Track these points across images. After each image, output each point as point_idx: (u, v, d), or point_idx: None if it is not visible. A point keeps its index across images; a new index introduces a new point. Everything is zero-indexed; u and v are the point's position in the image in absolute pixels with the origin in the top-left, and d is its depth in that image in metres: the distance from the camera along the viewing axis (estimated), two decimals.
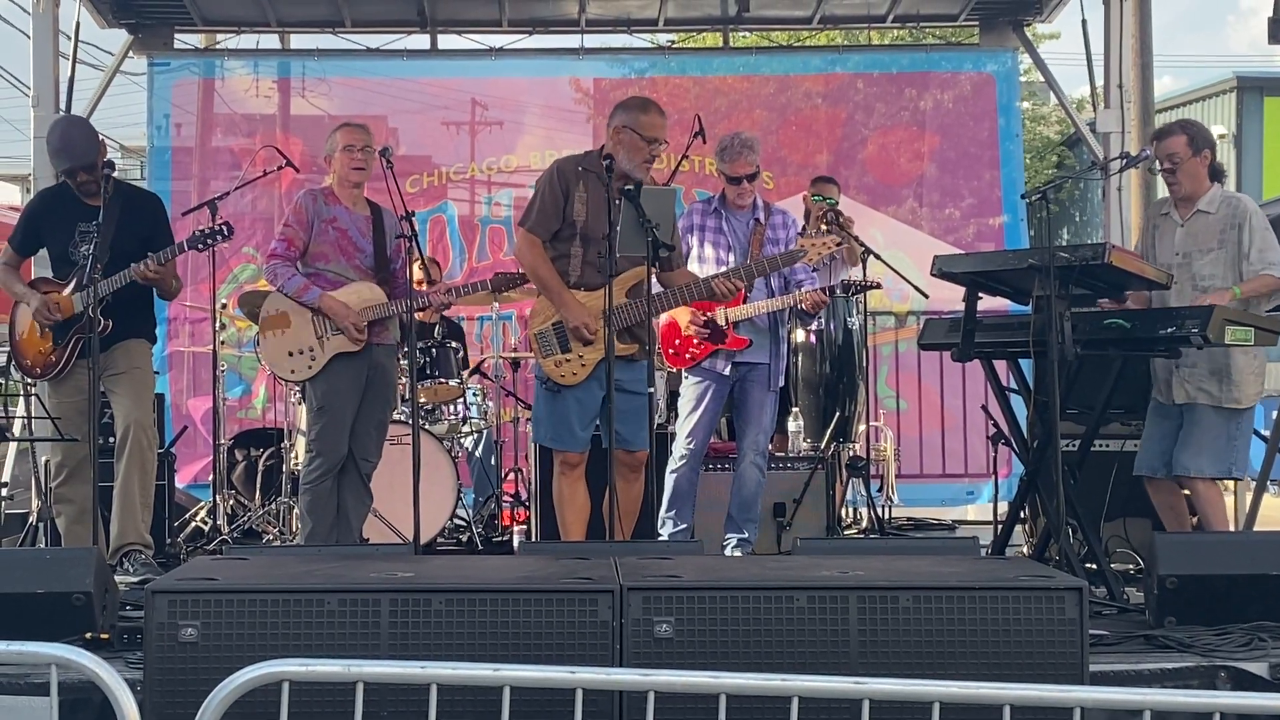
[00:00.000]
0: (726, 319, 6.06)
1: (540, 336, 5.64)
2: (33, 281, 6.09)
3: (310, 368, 5.88)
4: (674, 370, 6.34)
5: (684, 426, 6.12)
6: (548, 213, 5.62)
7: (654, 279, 5.50)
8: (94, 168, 5.81)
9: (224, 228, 5.91)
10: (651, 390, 5.43)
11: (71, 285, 5.86)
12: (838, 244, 6.01)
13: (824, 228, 7.28)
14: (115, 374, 5.89)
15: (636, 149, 5.57)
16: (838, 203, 7.44)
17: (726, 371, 6.09)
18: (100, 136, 6.03)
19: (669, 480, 6.07)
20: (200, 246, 5.91)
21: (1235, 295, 5.38)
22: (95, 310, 5.48)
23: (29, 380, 6.13)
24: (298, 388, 6.77)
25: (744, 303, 6.05)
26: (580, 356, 5.58)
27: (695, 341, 6.07)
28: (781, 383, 6.32)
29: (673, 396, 6.47)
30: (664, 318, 6.10)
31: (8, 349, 6.17)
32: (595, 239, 5.53)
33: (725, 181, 6.20)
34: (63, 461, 5.92)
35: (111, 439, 6.02)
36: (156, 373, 6.75)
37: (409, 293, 5.91)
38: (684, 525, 6.17)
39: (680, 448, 6.10)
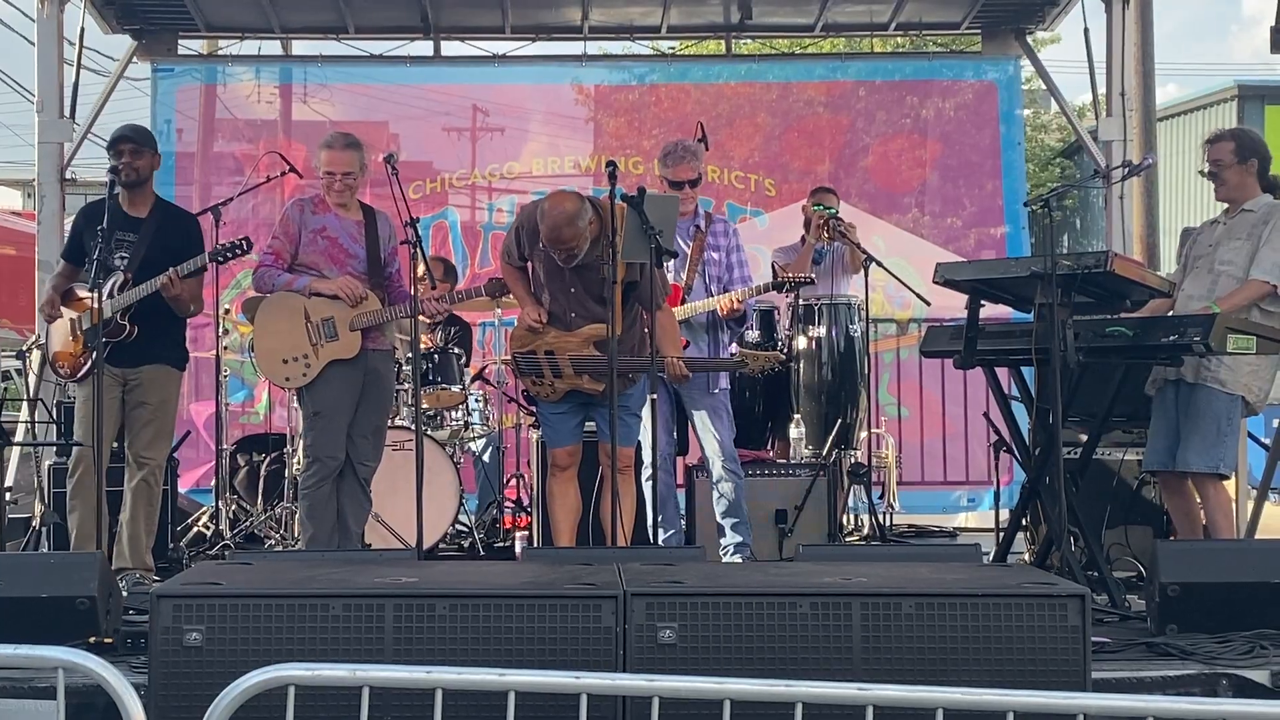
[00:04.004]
0: None
1: (514, 358, 5.87)
2: (66, 291, 6.13)
3: (305, 375, 5.87)
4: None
5: (645, 436, 6.18)
6: (510, 251, 5.91)
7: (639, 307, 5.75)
8: (139, 151, 5.92)
9: (244, 242, 5.97)
10: (653, 396, 5.51)
11: (105, 291, 5.92)
12: (781, 361, 6.32)
13: (826, 234, 7.34)
14: (143, 403, 5.92)
15: None
16: (837, 211, 7.47)
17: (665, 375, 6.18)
18: (158, 154, 6.16)
19: (646, 490, 6.12)
20: (221, 260, 5.99)
21: (1211, 310, 5.37)
22: (110, 313, 5.60)
23: (61, 383, 6.21)
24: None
25: (681, 304, 6.23)
26: (551, 384, 5.76)
27: None
28: (725, 384, 6.38)
29: None
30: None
31: (12, 353, 6.21)
32: (554, 297, 5.75)
33: (667, 186, 6.29)
34: (78, 460, 5.96)
35: (115, 444, 6.03)
36: None
37: (409, 296, 5.90)
38: (673, 530, 6.29)
39: (646, 456, 6.16)
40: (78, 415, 6.01)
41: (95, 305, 5.55)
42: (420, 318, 6.10)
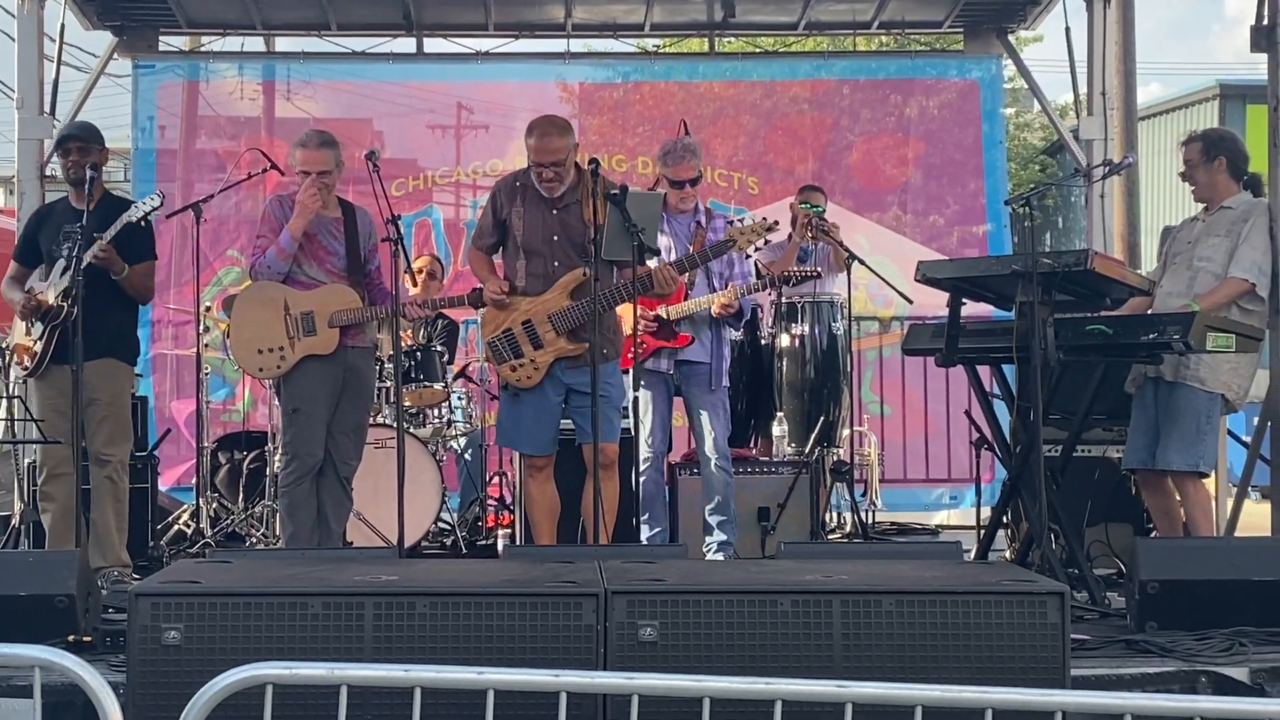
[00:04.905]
0: (668, 315, 6.21)
1: (490, 345, 5.80)
2: (27, 290, 6.11)
3: (280, 366, 5.84)
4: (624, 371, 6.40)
5: (641, 431, 6.18)
6: (482, 229, 5.94)
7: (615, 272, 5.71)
8: (86, 149, 5.90)
9: (155, 197, 5.89)
10: (637, 395, 5.51)
11: (49, 281, 5.89)
12: (767, 229, 6.09)
13: (810, 233, 7.35)
14: (95, 400, 5.83)
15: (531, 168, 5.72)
16: (824, 210, 7.48)
17: (669, 370, 6.23)
18: (106, 148, 6.09)
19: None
20: (138, 218, 5.81)
21: (1191, 307, 5.38)
22: (54, 300, 5.59)
23: (21, 379, 6.18)
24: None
25: (685, 299, 6.24)
26: (532, 360, 5.70)
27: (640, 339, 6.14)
28: (725, 382, 6.41)
29: None
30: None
31: None
32: (535, 251, 5.72)
33: (668, 185, 6.29)
34: (44, 461, 5.92)
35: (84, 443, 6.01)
36: (139, 375, 6.74)
37: (389, 294, 5.87)
38: (659, 528, 6.28)
39: (643, 451, 6.16)
40: (36, 413, 5.92)
41: (77, 295, 5.52)
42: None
